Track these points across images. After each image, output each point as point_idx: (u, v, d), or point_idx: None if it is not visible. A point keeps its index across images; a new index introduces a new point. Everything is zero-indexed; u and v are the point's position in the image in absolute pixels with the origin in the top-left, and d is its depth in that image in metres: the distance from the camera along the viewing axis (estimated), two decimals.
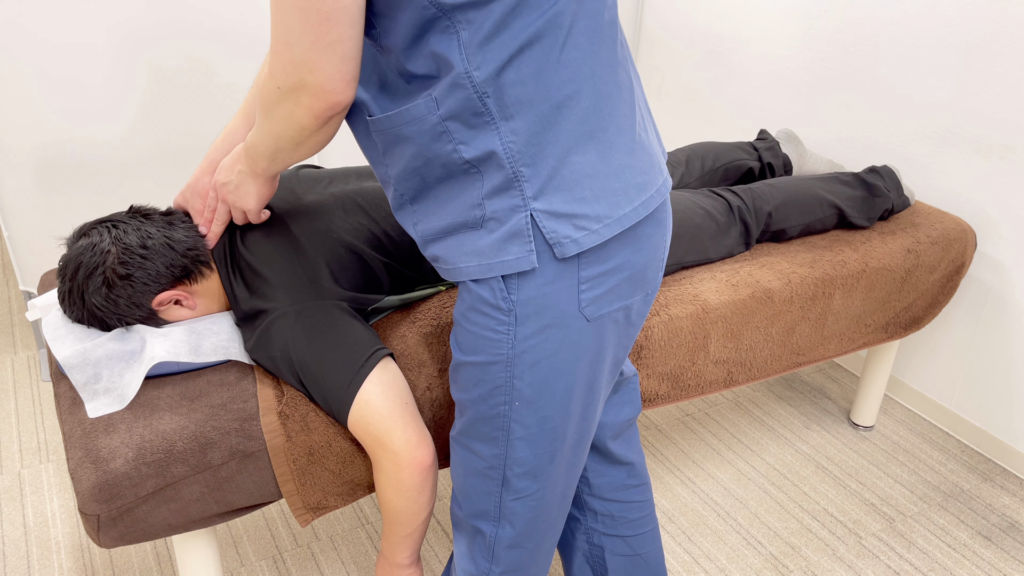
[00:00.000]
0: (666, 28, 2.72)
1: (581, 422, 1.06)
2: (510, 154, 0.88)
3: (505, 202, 0.90)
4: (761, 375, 1.59)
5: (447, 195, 0.93)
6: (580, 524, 1.32)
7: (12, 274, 2.76)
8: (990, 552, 1.72)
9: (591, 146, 0.90)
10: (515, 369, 0.97)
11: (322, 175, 1.37)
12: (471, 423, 1.05)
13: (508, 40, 0.83)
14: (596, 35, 0.89)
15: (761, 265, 1.58)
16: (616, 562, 1.31)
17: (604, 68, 0.90)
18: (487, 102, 0.86)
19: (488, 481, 1.07)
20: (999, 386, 1.96)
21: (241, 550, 1.68)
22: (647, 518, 1.32)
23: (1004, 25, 1.77)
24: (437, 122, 0.88)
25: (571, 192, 0.90)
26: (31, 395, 2.12)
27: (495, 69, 0.84)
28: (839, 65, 2.16)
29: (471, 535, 1.14)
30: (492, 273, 0.92)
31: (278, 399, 1.18)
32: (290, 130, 0.93)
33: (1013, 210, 1.85)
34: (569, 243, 0.90)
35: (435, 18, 0.82)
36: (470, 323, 0.97)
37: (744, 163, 1.81)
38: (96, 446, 1.10)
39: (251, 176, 1.14)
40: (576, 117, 0.89)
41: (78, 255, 1.19)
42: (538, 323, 0.94)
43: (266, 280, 1.20)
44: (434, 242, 0.97)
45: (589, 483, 1.29)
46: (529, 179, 0.89)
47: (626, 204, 0.93)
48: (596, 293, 0.95)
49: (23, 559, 1.63)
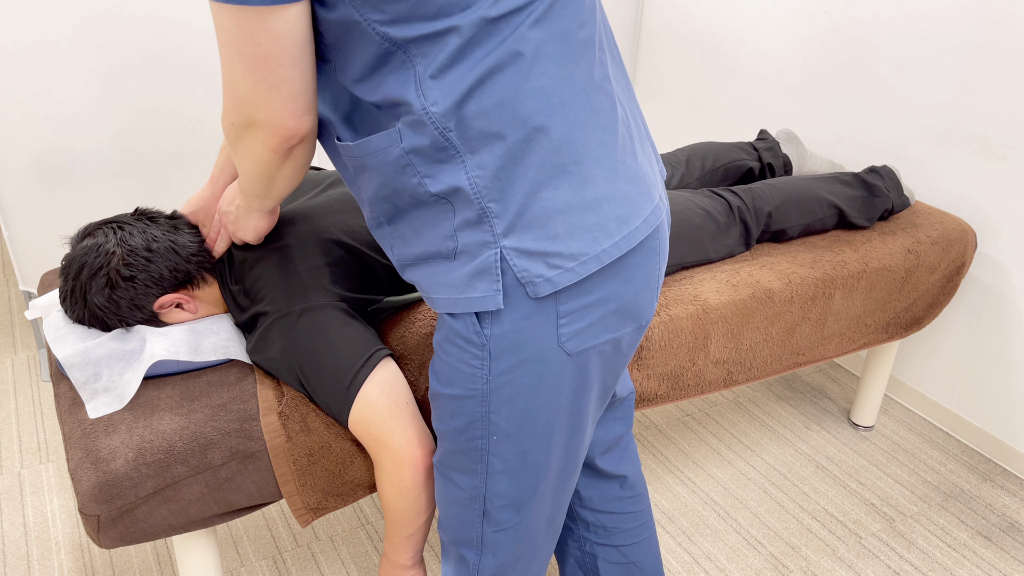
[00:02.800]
0: (666, 28, 2.72)
1: (566, 452, 1.02)
2: (476, 189, 0.83)
3: (476, 236, 0.86)
4: (761, 375, 1.59)
5: (421, 222, 0.89)
6: (572, 532, 1.30)
7: (12, 274, 2.76)
8: (990, 552, 1.72)
9: (563, 180, 0.84)
10: (491, 404, 0.94)
11: (321, 177, 1.37)
12: (449, 454, 1.02)
13: (465, 72, 0.79)
14: (567, 59, 0.83)
15: (761, 265, 1.58)
16: (609, 570, 1.28)
17: (577, 95, 0.84)
18: (449, 136, 0.81)
19: (469, 511, 1.05)
20: (999, 386, 1.96)
21: (241, 550, 1.68)
22: (642, 527, 1.29)
23: (1004, 25, 1.77)
24: (400, 155, 0.84)
25: (543, 229, 0.85)
26: (31, 395, 2.12)
27: (454, 102, 0.80)
28: (839, 65, 2.16)
29: (456, 560, 1.12)
30: (460, 309, 0.89)
31: (278, 400, 1.18)
32: (255, 164, 0.91)
33: (1013, 210, 1.85)
34: (542, 282, 0.86)
35: (389, 52, 0.79)
36: (446, 354, 0.95)
37: (744, 163, 1.81)
38: (96, 446, 1.09)
39: (248, 211, 1.14)
40: (546, 149, 0.83)
41: (82, 255, 1.19)
42: (513, 358, 0.90)
43: (266, 282, 1.20)
44: (410, 267, 0.94)
45: (580, 496, 1.26)
46: (498, 215, 0.84)
47: (605, 240, 0.87)
48: (578, 327, 0.90)
49: (23, 559, 1.63)
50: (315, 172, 1.38)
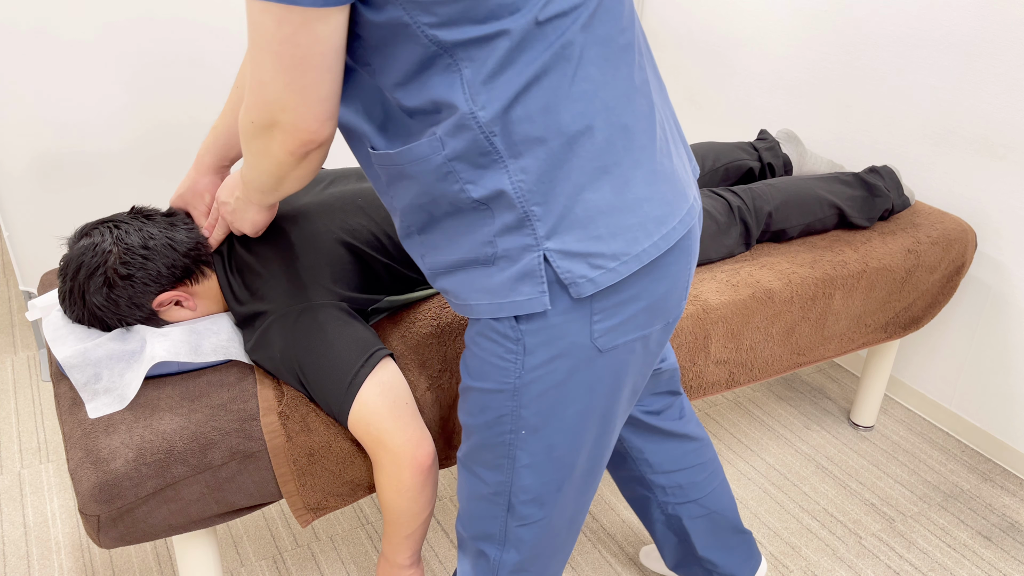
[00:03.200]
0: (667, 28, 2.72)
1: (593, 451, 1.04)
2: (520, 193, 0.84)
3: (517, 241, 0.87)
4: (762, 375, 1.59)
5: (456, 231, 0.90)
6: (652, 500, 1.35)
7: (12, 274, 2.76)
8: (990, 552, 1.72)
9: (605, 181, 0.86)
10: (522, 398, 0.95)
11: (323, 175, 1.37)
12: (476, 449, 1.03)
13: (513, 76, 0.80)
14: (610, 63, 0.84)
15: (761, 265, 1.58)
16: (695, 524, 1.35)
17: (619, 98, 0.86)
18: (494, 141, 0.82)
19: (493, 506, 1.06)
20: (999, 386, 1.96)
21: (241, 550, 1.68)
22: (712, 474, 1.35)
23: (1004, 25, 1.77)
24: (442, 162, 0.84)
25: (585, 230, 0.86)
26: (31, 395, 2.12)
27: (501, 107, 0.80)
28: (839, 65, 2.16)
29: (475, 556, 1.13)
30: (503, 313, 0.90)
31: (278, 399, 1.18)
32: (268, 164, 0.91)
33: (1013, 210, 1.85)
34: (585, 283, 0.87)
35: (435, 56, 0.79)
36: (479, 348, 0.96)
37: (744, 163, 1.81)
38: (96, 446, 1.09)
39: (248, 204, 1.14)
40: (589, 152, 0.85)
41: (79, 255, 1.19)
42: (547, 353, 0.92)
43: (265, 281, 1.20)
44: (443, 276, 0.95)
45: (650, 463, 1.31)
46: (541, 218, 0.85)
47: (645, 239, 0.89)
48: (611, 323, 0.92)
49: (23, 559, 1.63)
50: None
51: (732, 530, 1.38)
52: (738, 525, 1.39)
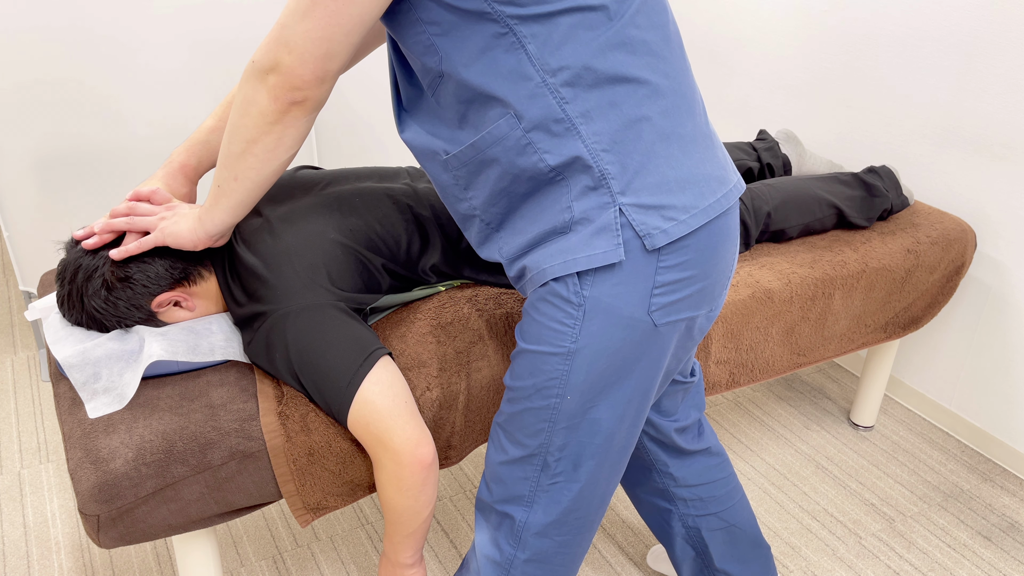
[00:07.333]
0: None
1: (631, 427, 1.07)
2: (595, 154, 0.91)
3: (593, 201, 0.93)
4: (763, 376, 1.59)
5: (535, 209, 0.97)
6: (673, 512, 1.37)
7: (12, 274, 2.76)
8: (990, 552, 1.72)
9: (673, 140, 0.94)
10: (574, 363, 0.99)
11: (320, 176, 1.37)
12: (519, 412, 1.05)
13: (580, 47, 0.88)
14: (665, 46, 0.94)
15: (761, 265, 1.58)
16: (714, 537, 1.37)
17: (677, 71, 0.95)
18: (566, 108, 0.90)
19: (527, 467, 1.08)
20: (999, 386, 1.96)
21: (241, 550, 1.68)
22: (733, 490, 1.37)
23: (1004, 25, 1.77)
24: (521, 135, 0.92)
25: (657, 185, 0.93)
26: (31, 395, 2.13)
27: (571, 75, 0.88)
28: (839, 65, 2.16)
29: (498, 521, 1.13)
30: (579, 267, 0.94)
31: (278, 399, 1.18)
32: (248, 118, 0.95)
33: (1013, 210, 1.85)
34: (659, 234, 0.93)
35: (502, 33, 0.87)
36: (538, 312, 0.99)
37: (743, 163, 1.81)
38: (96, 446, 1.10)
39: (197, 220, 1.13)
40: (656, 114, 0.92)
41: (77, 258, 1.19)
42: (605, 320, 0.96)
43: (264, 282, 1.20)
44: (521, 257, 1.00)
45: (674, 477, 1.34)
46: (616, 176, 0.92)
47: (710, 195, 0.96)
48: (668, 300, 0.97)
49: (23, 559, 1.63)
50: (313, 172, 1.38)
51: (751, 543, 1.40)
52: (757, 539, 1.40)
